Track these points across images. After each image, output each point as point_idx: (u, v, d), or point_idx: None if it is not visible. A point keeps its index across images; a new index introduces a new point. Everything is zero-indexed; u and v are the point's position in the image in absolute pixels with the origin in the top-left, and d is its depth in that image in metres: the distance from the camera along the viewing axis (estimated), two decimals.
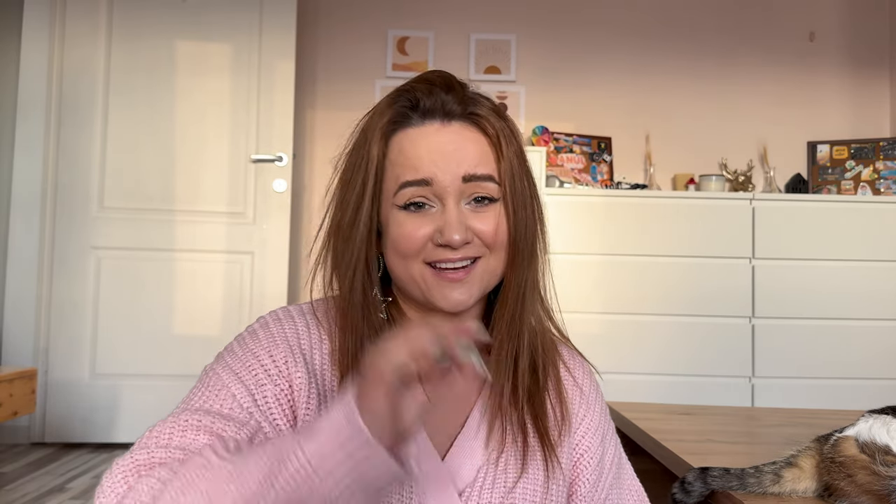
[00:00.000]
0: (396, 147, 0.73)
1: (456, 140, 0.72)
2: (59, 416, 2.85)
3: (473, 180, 0.72)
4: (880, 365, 2.77)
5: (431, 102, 0.73)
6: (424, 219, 0.72)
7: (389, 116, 0.73)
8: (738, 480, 0.89)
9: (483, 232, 0.72)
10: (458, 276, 0.72)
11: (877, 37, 3.45)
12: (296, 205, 3.22)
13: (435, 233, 0.71)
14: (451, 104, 0.73)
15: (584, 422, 0.82)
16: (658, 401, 2.17)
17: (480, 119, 0.74)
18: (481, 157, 0.73)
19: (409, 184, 0.71)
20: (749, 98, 3.40)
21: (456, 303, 0.73)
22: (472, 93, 0.76)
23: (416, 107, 0.73)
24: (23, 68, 2.92)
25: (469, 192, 0.72)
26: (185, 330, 2.96)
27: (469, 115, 0.74)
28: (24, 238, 2.88)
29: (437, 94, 0.73)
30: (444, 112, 0.73)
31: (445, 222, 0.71)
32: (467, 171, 0.71)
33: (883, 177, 3.23)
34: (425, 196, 0.71)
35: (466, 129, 0.73)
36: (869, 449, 0.77)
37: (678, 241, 2.83)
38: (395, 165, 0.72)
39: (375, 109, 0.76)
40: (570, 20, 3.42)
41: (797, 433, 1.25)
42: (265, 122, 3.03)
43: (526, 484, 0.74)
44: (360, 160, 0.73)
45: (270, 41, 3.04)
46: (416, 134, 0.73)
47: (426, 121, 0.73)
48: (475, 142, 0.73)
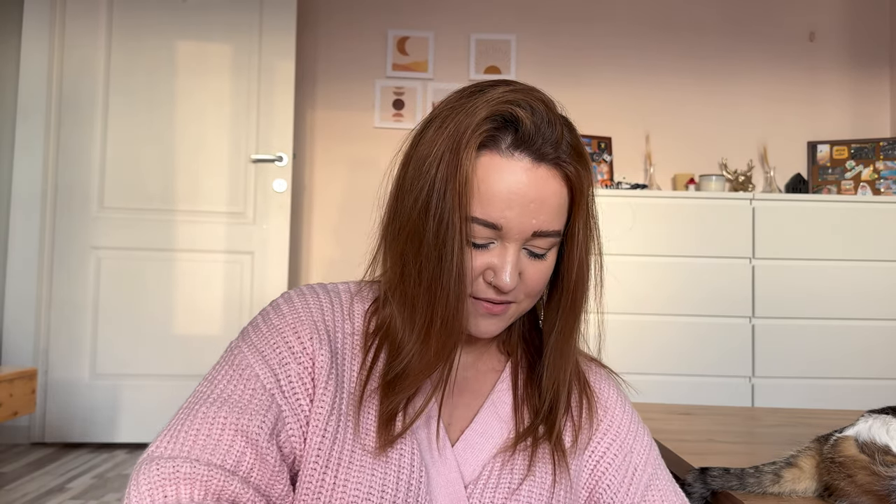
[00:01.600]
0: (481, 170, 0.67)
1: (540, 190, 0.68)
2: (59, 416, 2.86)
3: (542, 236, 0.70)
4: (880, 365, 2.77)
5: (529, 135, 0.67)
6: (481, 253, 0.69)
7: (485, 131, 0.67)
8: (737, 480, 0.89)
9: (530, 281, 0.71)
10: (497, 311, 0.72)
11: (877, 37, 3.45)
12: (296, 205, 3.22)
13: (488, 269, 0.70)
14: (546, 145, 0.68)
15: (601, 427, 0.80)
16: (658, 401, 2.17)
17: (567, 166, 0.69)
18: (558, 212, 0.70)
19: (478, 221, 0.67)
20: (749, 98, 3.40)
21: (486, 332, 0.73)
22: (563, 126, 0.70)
23: (512, 130, 0.68)
24: (23, 68, 2.92)
25: (531, 241, 0.70)
26: (185, 330, 2.96)
27: (559, 161, 0.69)
28: (24, 238, 2.88)
29: (538, 126, 0.68)
30: (537, 152, 0.68)
31: (502, 265, 0.69)
32: (539, 228, 0.69)
33: (883, 177, 3.23)
34: (489, 237, 0.69)
35: (552, 177, 0.69)
36: (868, 449, 0.77)
37: (678, 241, 2.82)
38: (474, 189, 0.67)
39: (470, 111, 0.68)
40: (570, 20, 3.42)
41: (797, 433, 1.25)
42: (265, 122, 3.03)
43: (532, 487, 0.73)
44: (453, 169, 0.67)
45: (270, 41, 3.04)
46: (503, 166, 0.67)
47: (516, 154, 0.67)
48: (557, 194, 0.69)
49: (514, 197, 0.67)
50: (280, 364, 0.69)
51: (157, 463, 0.62)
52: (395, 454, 0.69)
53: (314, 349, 0.71)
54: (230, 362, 0.71)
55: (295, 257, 3.26)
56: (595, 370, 0.85)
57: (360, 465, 0.67)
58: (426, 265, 0.68)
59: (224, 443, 0.64)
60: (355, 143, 3.30)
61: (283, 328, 0.72)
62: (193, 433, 0.64)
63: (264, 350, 0.70)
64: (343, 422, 0.69)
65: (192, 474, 0.61)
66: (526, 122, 0.67)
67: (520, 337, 0.83)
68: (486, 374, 0.80)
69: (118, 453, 2.77)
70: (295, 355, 0.70)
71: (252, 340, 0.72)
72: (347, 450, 0.68)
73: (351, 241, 3.30)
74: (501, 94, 0.69)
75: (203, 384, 0.70)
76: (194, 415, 0.66)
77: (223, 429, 0.64)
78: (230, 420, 0.65)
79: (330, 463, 0.67)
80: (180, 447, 0.64)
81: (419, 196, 0.68)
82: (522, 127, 0.67)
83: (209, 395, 0.68)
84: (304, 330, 0.72)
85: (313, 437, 0.68)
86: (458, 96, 0.71)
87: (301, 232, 3.31)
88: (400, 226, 0.70)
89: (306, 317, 0.73)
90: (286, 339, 0.71)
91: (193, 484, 0.61)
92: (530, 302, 0.74)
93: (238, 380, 0.69)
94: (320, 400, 0.69)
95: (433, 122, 0.71)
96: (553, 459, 0.75)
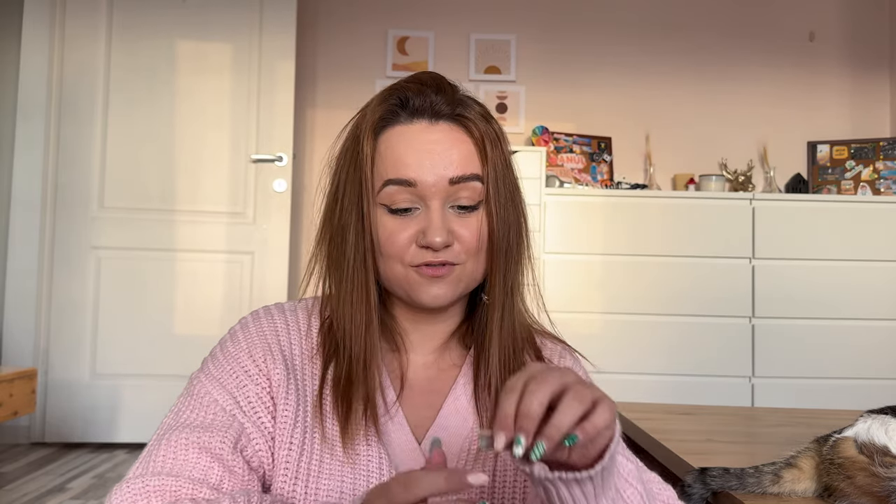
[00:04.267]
0: (384, 144, 0.73)
1: (442, 140, 0.73)
2: (59, 416, 2.86)
3: (460, 182, 0.72)
4: (880, 365, 2.77)
5: (420, 101, 0.73)
6: (408, 221, 0.72)
7: (380, 114, 0.74)
8: (737, 480, 0.89)
9: (464, 237, 0.73)
10: (440, 272, 0.73)
11: (877, 37, 3.45)
12: (296, 205, 3.22)
13: (418, 234, 0.72)
14: (440, 104, 0.73)
15: None
16: (658, 401, 2.17)
17: (467, 121, 0.74)
18: (468, 159, 0.73)
19: (393, 182, 0.72)
20: (749, 98, 3.40)
21: (436, 298, 0.74)
22: (461, 95, 0.76)
23: (406, 105, 0.74)
24: (23, 68, 2.92)
25: (454, 194, 0.73)
26: (186, 330, 2.96)
27: (457, 116, 0.74)
28: (24, 238, 2.88)
29: (426, 94, 0.74)
30: (432, 112, 0.73)
31: (429, 224, 0.71)
32: (454, 174, 0.72)
33: (883, 177, 3.23)
34: (410, 199, 0.72)
35: (453, 130, 0.74)
36: (867, 450, 0.77)
37: (678, 241, 2.82)
38: (382, 162, 0.73)
39: (367, 107, 0.76)
40: (570, 20, 3.42)
41: (797, 433, 1.25)
42: (265, 122, 3.03)
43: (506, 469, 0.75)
44: (353, 157, 0.74)
45: (270, 41, 3.04)
46: (403, 132, 0.73)
47: (414, 119, 0.73)
48: (462, 142, 0.73)
49: (421, 153, 0.72)
50: (238, 387, 0.72)
51: (128, 483, 0.65)
52: (363, 458, 0.71)
53: (269, 368, 0.74)
54: (190, 393, 0.74)
55: (295, 257, 3.26)
56: (549, 346, 0.84)
57: (329, 473, 0.70)
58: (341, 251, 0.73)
59: (190, 460, 0.66)
60: None
61: (238, 354, 0.75)
62: (161, 458, 0.67)
63: (221, 377, 0.74)
64: (309, 433, 0.71)
65: (161, 486, 0.64)
66: (413, 94, 0.74)
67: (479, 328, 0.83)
68: (447, 370, 0.81)
69: (118, 453, 2.77)
70: (251, 377, 0.73)
71: (210, 370, 0.75)
72: (316, 459, 0.70)
73: None
74: (394, 83, 0.76)
75: (168, 417, 0.73)
76: (159, 444, 0.69)
77: (187, 449, 0.67)
78: (192, 440, 0.68)
79: (300, 474, 0.69)
80: (153, 467, 0.66)
81: (332, 192, 0.76)
82: (411, 98, 0.74)
83: (174, 425, 0.71)
84: (258, 352, 0.75)
85: (280, 451, 0.70)
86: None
87: (301, 232, 3.31)
88: (324, 228, 0.77)
89: (259, 340, 0.76)
90: (242, 365, 0.74)
91: (163, 495, 0.63)
92: (475, 263, 0.75)
93: (199, 407, 0.72)
94: (282, 415, 0.71)
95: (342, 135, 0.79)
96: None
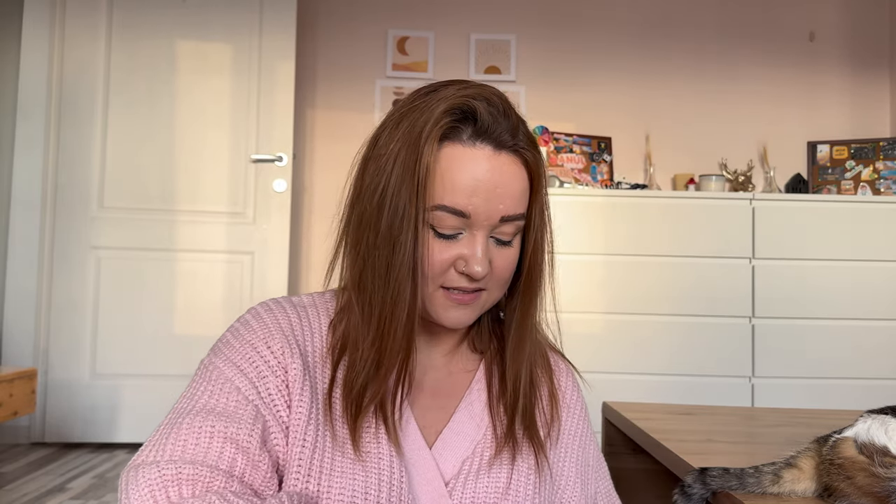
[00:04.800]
0: (445, 160, 0.69)
1: (503, 175, 0.70)
2: (59, 416, 2.86)
3: (509, 220, 0.72)
4: (880, 365, 2.77)
5: (489, 124, 0.70)
6: (451, 245, 0.71)
7: (445, 124, 0.69)
8: (737, 480, 0.89)
9: (497, 268, 0.73)
10: (467, 300, 0.73)
11: (877, 37, 3.45)
12: (296, 205, 3.22)
13: (458, 259, 0.71)
14: (505, 133, 0.71)
15: (565, 424, 0.84)
16: (658, 401, 2.17)
17: (525, 152, 0.72)
18: (520, 199, 0.72)
19: (446, 209, 0.69)
20: (749, 98, 3.40)
21: (458, 322, 0.74)
22: (517, 117, 0.74)
23: (471, 121, 0.70)
24: (23, 68, 2.92)
25: (499, 228, 0.72)
26: (186, 330, 2.96)
27: (519, 149, 0.72)
28: (24, 238, 2.88)
29: (496, 118, 0.71)
30: (497, 140, 0.70)
31: (472, 254, 0.70)
32: (506, 213, 0.71)
33: (883, 177, 3.23)
34: (457, 226, 0.70)
35: (513, 164, 0.71)
36: (867, 450, 0.77)
37: (678, 241, 2.82)
38: (437, 179, 0.69)
39: (428, 107, 0.71)
40: (570, 20, 3.42)
41: (797, 433, 1.25)
42: (265, 122, 3.03)
43: (518, 479, 0.75)
44: (411, 164, 0.69)
45: (270, 41, 3.04)
46: (465, 154, 0.70)
47: (478, 143, 0.70)
48: (518, 179, 0.72)
49: (480, 184, 0.69)
50: (258, 377, 0.70)
51: (156, 466, 0.61)
52: (374, 458, 0.70)
53: (286, 361, 0.71)
54: (207, 378, 0.71)
55: (295, 257, 3.26)
56: (558, 364, 0.87)
57: (340, 471, 0.68)
58: (380, 260, 0.69)
59: (214, 449, 0.64)
60: (355, 143, 3.27)
61: (255, 342, 0.72)
62: (182, 442, 0.64)
63: (240, 363, 0.71)
64: (321, 431, 0.70)
65: (195, 475, 0.61)
66: (483, 113, 0.70)
67: (491, 333, 0.84)
68: (460, 374, 0.81)
69: (118, 453, 2.77)
70: (270, 367, 0.71)
71: (226, 355, 0.72)
72: (328, 457, 0.69)
73: None
74: (457, 90, 0.72)
75: (181, 401, 0.70)
76: (178, 426, 0.65)
77: (211, 437, 0.64)
78: (217, 428, 0.65)
79: (312, 471, 0.68)
80: (170, 454, 0.63)
81: (375, 192, 0.71)
82: (481, 118, 0.70)
83: (191, 408, 0.68)
84: (276, 342, 0.72)
85: (293, 448, 0.69)
86: (412, 97, 0.74)
87: (301, 232, 3.31)
88: (358, 224, 0.73)
89: (276, 330, 0.73)
90: (260, 352, 0.71)
91: (195, 484, 0.60)
92: (498, 291, 0.76)
93: (220, 393, 0.69)
94: (297, 410, 0.70)
95: (388, 124, 0.74)
96: (535, 454, 0.77)
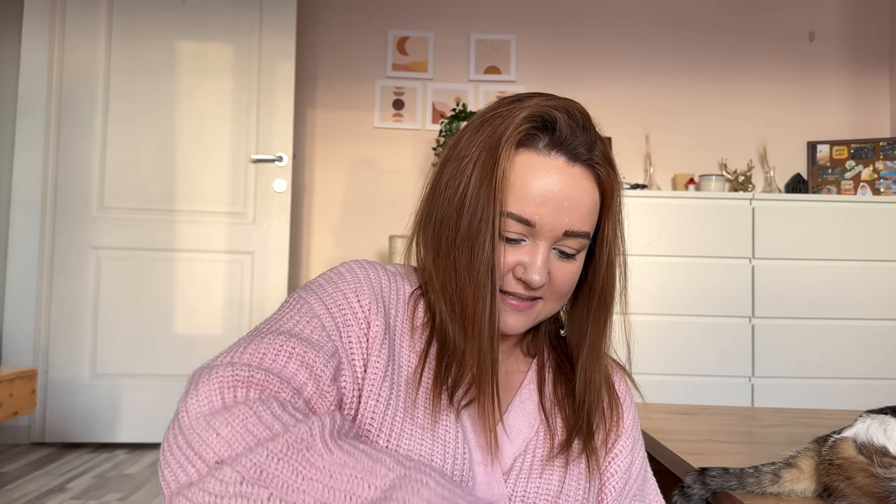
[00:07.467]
0: (519, 166, 0.71)
1: (573, 189, 0.71)
2: (59, 416, 2.86)
3: (573, 236, 0.72)
4: (880, 365, 2.77)
5: (566, 136, 0.71)
6: (514, 249, 0.72)
7: (524, 130, 0.71)
8: (737, 480, 0.89)
9: (556, 280, 0.74)
10: (523, 307, 0.74)
11: (877, 37, 3.45)
12: (296, 205, 3.22)
13: (517, 265, 0.72)
14: (581, 147, 0.72)
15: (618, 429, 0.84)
16: (658, 401, 2.16)
17: (599, 169, 0.73)
18: (588, 215, 0.73)
19: (513, 216, 0.70)
20: (749, 98, 3.40)
21: (511, 328, 0.75)
22: (597, 134, 0.74)
23: (550, 131, 0.71)
24: (23, 68, 2.92)
25: (562, 241, 0.72)
26: (186, 330, 2.96)
27: (593, 164, 0.73)
28: (24, 238, 2.89)
29: (574, 130, 0.72)
30: (573, 152, 0.71)
31: (532, 262, 0.71)
32: (571, 228, 0.71)
33: (883, 177, 3.23)
34: (522, 233, 0.72)
35: (585, 178, 0.72)
36: (866, 450, 0.77)
37: (678, 241, 2.82)
38: (509, 185, 0.71)
39: (510, 114, 0.72)
40: (570, 20, 3.42)
41: (797, 433, 1.25)
42: (265, 122, 3.03)
43: (570, 483, 0.76)
44: (489, 168, 0.70)
45: (270, 41, 3.04)
46: (539, 163, 0.71)
47: (552, 153, 0.71)
48: (589, 194, 0.72)
49: (549, 195, 0.70)
50: (343, 323, 0.70)
51: (231, 367, 0.60)
52: (442, 430, 0.70)
53: (371, 316, 0.72)
54: (295, 308, 0.71)
55: (295, 257, 3.26)
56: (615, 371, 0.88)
57: (409, 434, 0.69)
58: (459, 259, 0.71)
59: (290, 368, 0.63)
60: (355, 143, 3.30)
61: (347, 291, 0.73)
62: (261, 353, 0.63)
63: (330, 305, 0.71)
64: (395, 392, 0.70)
65: (265, 382, 0.59)
66: (562, 123, 0.71)
67: (545, 340, 0.85)
68: (512, 374, 0.82)
69: (118, 453, 2.77)
70: (356, 317, 0.71)
71: (318, 295, 0.72)
72: (399, 418, 0.69)
73: (351, 241, 3.30)
74: (540, 100, 0.73)
75: (265, 324, 0.70)
76: (260, 339, 0.65)
77: (289, 358, 0.63)
78: (297, 351, 0.64)
79: (384, 426, 0.68)
80: (248, 360, 0.62)
81: (455, 193, 0.72)
82: (559, 128, 0.71)
83: (275, 329, 0.67)
84: (364, 297, 0.73)
85: (368, 400, 0.68)
86: (496, 104, 0.76)
87: (301, 232, 3.31)
88: (436, 223, 0.74)
89: (367, 285, 0.74)
90: (349, 301, 0.72)
91: (263, 389, 0.59)
92: (556, 304, 0.76)
93: (305, 323, 0.69)
94: (374, 365, 0.70)
95: (470, 127, 0.75)
96: (587, 460, 0.78)
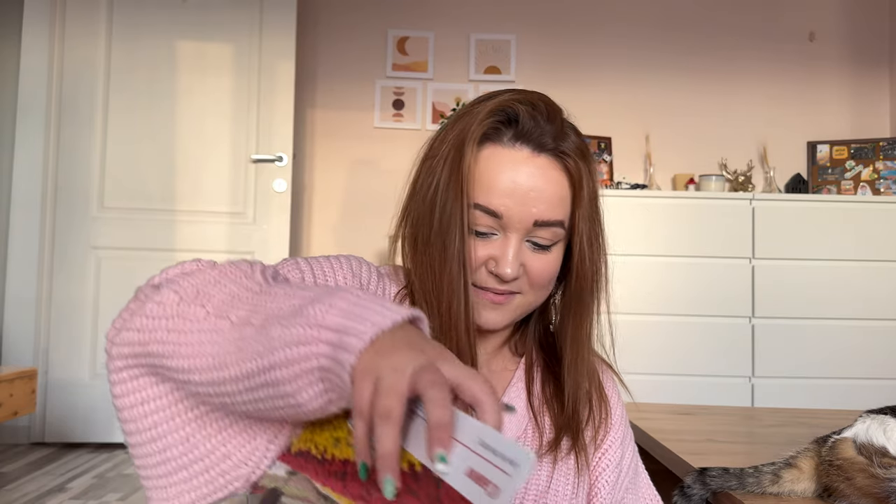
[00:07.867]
0: (483, 161, 0.72)
1: (539, 178, 0.71)
2: (59, 416, 2.86)
3: (544, 225, 0.72)
4: (880, 365, 2.77)
5: (530, 127, 0.71)
6: (485, 243, 0.72)
7: (487, 126, 0.72)
8: (737, 480, 0.89)
9: (533, 272, 0.73)
10: (499, 300, 0.74)
11: (877, 37, 3.45)
12: (296, 205, 3.22)
13: (490, 259, 0.72)
14: (546, 136, 0.72)
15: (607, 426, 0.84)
16: (658, 401, 2.17)
17: (567, 158, 0.73)
18: (558, 204, 0.72)
19: (480, 208, 0.71)
20: (749, 98, 3.40)
21: (490, 322, 0.75)
22: (566, 126, 0.74)
23: (513, 124, 0.72)
24: (23, 68, 2.92)
25: (534, 232, 0.72)
26: None
27: (560, 153, 0.72)
28: (24, 238, 2.88)
29: (537, 121, 0.72)
30: (537, 142, 0.72)
31: (503, 255, 0.71)
32: (540, 217, 0.71)
33: (883, 177, 3.23)
34: (491, 226, 0.72)
35: (552, 168, 0.72)
36: (866, 451, 0.77)
37: (678, 241, 2.82)
38: (476, 179, 0.71)
39: (475, 112, 0.73)
40: (570, 20, 3.41)
41: (797, 433, 1.25)
42: (265, 122, 3.03)
43: (558, 479, 0.76)
44: (456, 165, 0.71)
45: (270, 41, 3.04)
46: (504, 155, 0.71)
47: (517, 144, 0.72)
48: (557, 183, 0.72)
49: (515, 185, 0.70)
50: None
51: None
52: None
53: None
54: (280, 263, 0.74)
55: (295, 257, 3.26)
56: (603, 369, 0.87)
57: None
58: (434, 256, 0.72)
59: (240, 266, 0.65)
60: (355, 143, 3.30)
61: (336, 273, 0.74)
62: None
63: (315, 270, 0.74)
64: None
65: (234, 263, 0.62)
66: (525, 115, 0.71)
67: (534, 339, 0.85)
68: (500, 373, 0.82)
69: (118, 453, 2.77)
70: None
71: (308, 261, 0.75)
72: None
73: (351, 241, 3.30)
74: (507, 95, 0.74)
75: None
76: None
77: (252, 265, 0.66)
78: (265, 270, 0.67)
79: None
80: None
81: (428, 191, 0.73)
82: (522, 120, 0.71)
83: None
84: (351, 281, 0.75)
85: None
86: (470, 104, 0.76)
87: (301, 232, 3.31)
88: (413, 221, 0.76)
89: (354, 277, 0.75)
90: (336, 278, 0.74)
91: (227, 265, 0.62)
92: (536, 296, 0.76)
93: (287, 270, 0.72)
94: None
95: (446, 126, 0.76)
96: (576, 457, 0.78)
